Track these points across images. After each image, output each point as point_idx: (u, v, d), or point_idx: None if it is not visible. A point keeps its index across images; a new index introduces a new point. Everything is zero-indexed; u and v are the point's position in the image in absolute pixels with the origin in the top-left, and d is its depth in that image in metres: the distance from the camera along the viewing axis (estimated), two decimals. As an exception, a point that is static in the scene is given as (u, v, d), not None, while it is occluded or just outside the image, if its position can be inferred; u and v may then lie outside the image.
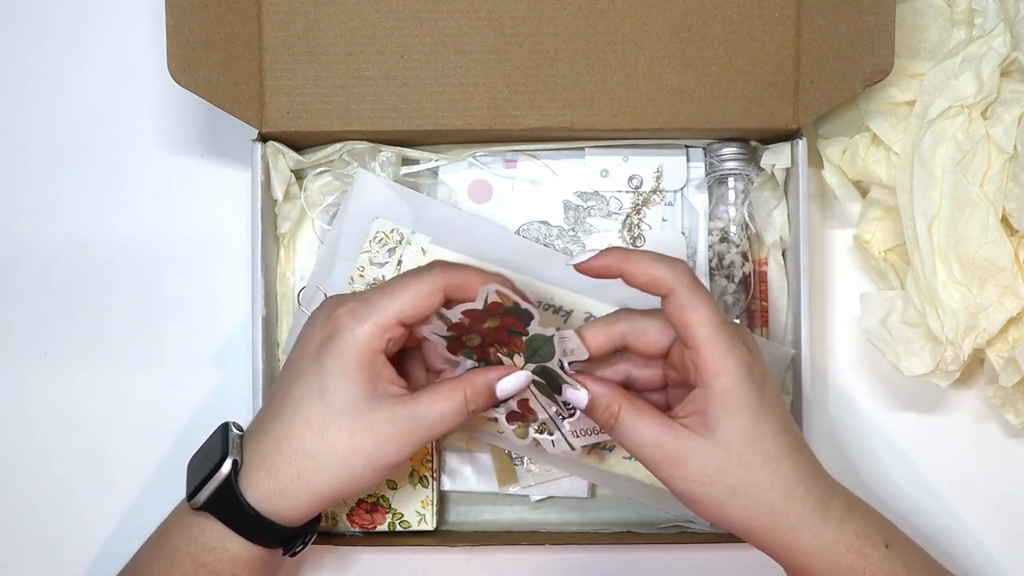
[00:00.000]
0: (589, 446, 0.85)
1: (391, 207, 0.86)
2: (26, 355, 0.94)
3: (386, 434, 0.72)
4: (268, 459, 0.74)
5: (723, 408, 0.70)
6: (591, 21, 0.85)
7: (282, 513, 0.74)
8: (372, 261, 0.83)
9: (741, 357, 0.70)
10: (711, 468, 0.70)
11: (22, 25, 0.95)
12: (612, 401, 0.72)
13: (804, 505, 0.71)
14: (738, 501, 0.71)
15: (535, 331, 0.70)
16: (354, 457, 0.73)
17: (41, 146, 0.95)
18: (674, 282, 0.70)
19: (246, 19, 0.84)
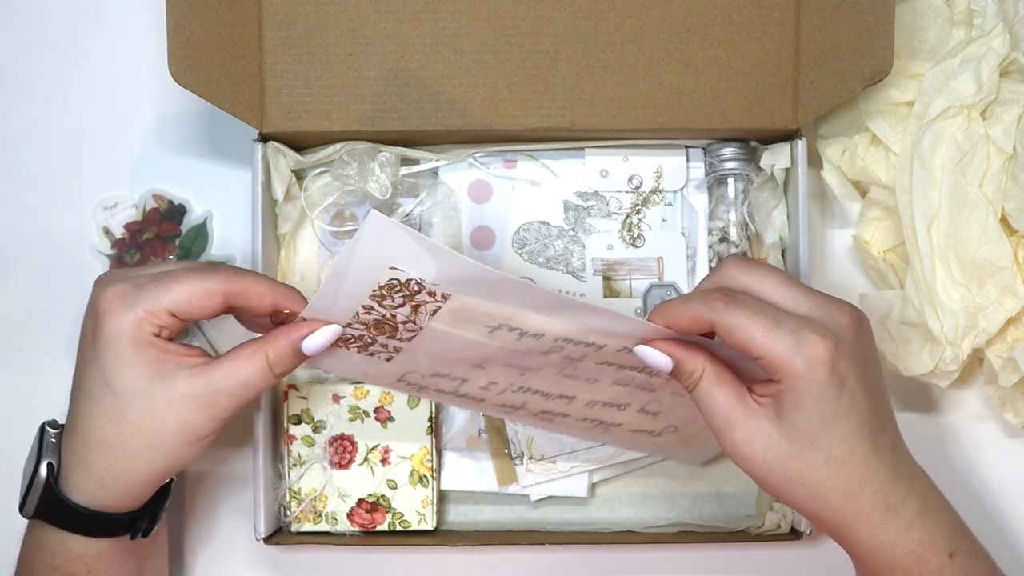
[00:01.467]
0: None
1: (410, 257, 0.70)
2: (26, 355, 0.94)
3: (187, 408, 0.71)
4: (80, 456, 0.73)
5: (793, 403, 0.69)
6: (591, 21, 0.85)
7: (111, 504, 0.74)
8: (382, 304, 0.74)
9: (815, 356, 0.68)
10: (771, 454, 0.70)
11: (22, 26, 0.95)
12: (696, 367, 0.71)
13: (865, 507, 0.70)
14: (796, 491, 0.70)
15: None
16: (162, 437, 0.72)
17: (42, 146, 0.95)
18: (711, 315, 0.69)
19: (246, 19, 0.84)
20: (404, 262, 0.69)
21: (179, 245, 0.94)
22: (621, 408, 0.83)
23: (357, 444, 0.88)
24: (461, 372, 0.78)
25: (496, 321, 0.73)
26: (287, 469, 0.89)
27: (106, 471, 0.73)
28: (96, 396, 0.72)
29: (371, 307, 0.72)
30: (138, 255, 0.94)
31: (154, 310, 0.71)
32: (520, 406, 0.82)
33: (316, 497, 0.88)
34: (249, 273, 0.73)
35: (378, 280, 0.70)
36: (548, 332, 0.73)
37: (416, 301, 0.71)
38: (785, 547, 0.89)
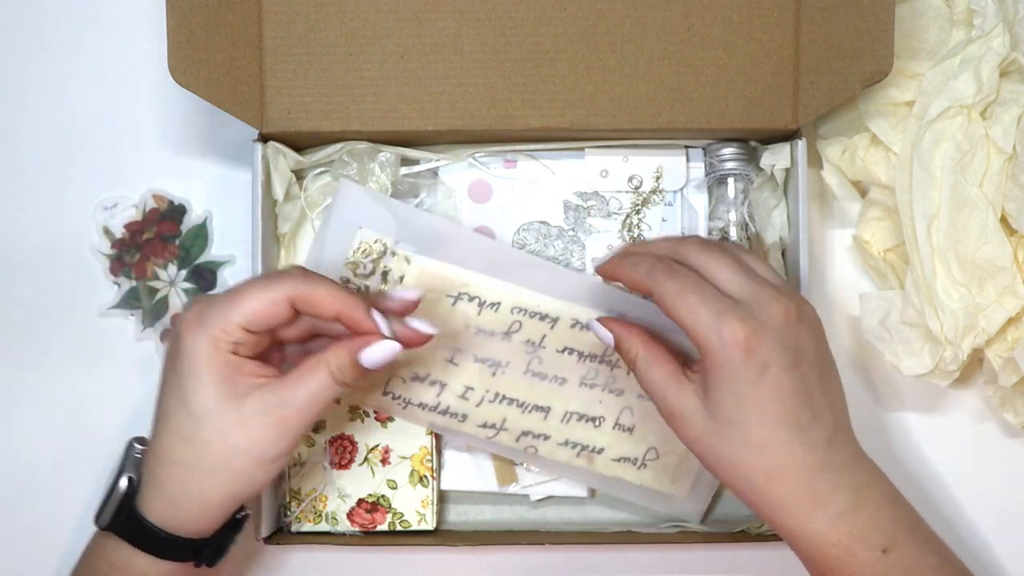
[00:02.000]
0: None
1: (374, 217, 0.85)
2: (27, 355, 0.94)
3: (259, 427, 0.72)
4: (155, 474, 0.74)
5: (712, 381, 0.71)
6: (591, 21, 0.85)
7: (183, 526, 0.75)
8: (356, 273, 0.83)
9: (732, 337, 0.70)
10: (698, 430, 0.72)
11: (22, 25, 0.95)
12: (631, 346, 0.76)
13: (789, 493, 0.71)
14: (724, 468, 0.73)
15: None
16: (233, 458, 0.73)
17: (41, 145, 0.95)
18: (649, 283, 0.73)
19: (246, 19, 0.84)
20: (369, 221, 0.82)
21: (179, 245, 0.94)
22: (597, 424, 0.85)
23: (357, 444, 0.89)
24: (437, 372, 0.81)
25: (455, 288, 0.79)
26: (287, 469, 0.89)
27: (179, 491, 0.74)
28: (172, 415, 0.73)
29: (347, 279, 0.76)
30: (138, 255, 0.94)
31: (226, 327, 0.71)
32: (500, 425, 0.83)
33: (316, 497, 0.88)
34: (317, 278, 0.73)
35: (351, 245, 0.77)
36: (503, 300, 0.80)
37: (384, 267, 0.76)
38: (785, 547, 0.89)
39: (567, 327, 0.85)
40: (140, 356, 0.94)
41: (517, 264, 0.85)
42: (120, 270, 0.94)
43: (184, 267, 0.95)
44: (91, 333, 0.94)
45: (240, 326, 0.72)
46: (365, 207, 0.85)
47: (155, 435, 0.75)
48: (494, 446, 0.85)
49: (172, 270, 0.95)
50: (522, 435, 0.83)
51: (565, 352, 0.80)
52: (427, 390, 0.80)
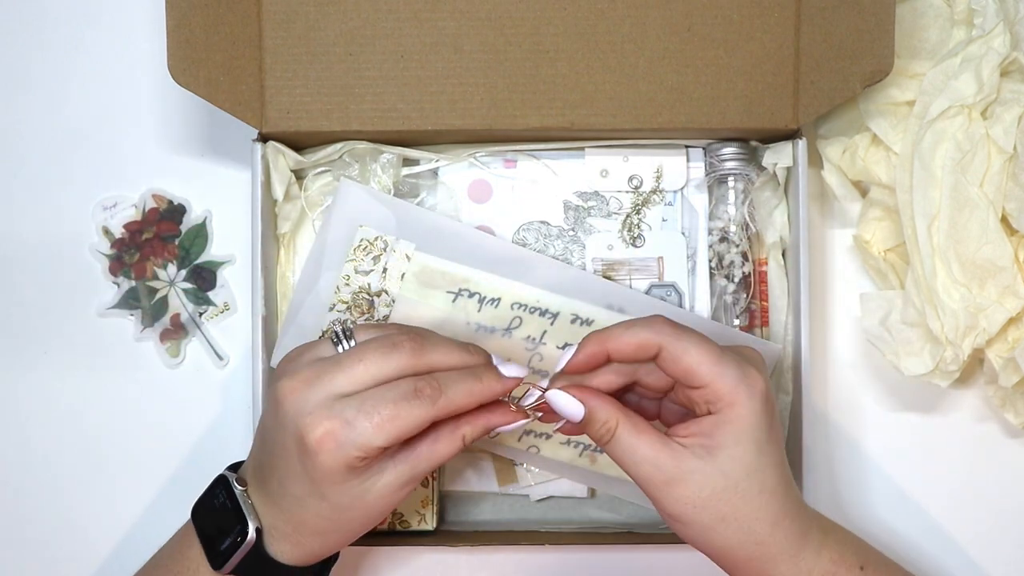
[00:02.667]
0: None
1: (375, 214, 0.85)
2: (27, 355, 0.94)
3: (396, 494, 0.72)
4: (292, 536, 0.74)
5: (731, 436, 0.69)
6: (591, 21, 0.85)
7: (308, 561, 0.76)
8: (357, 269, 0.83)
9: (754, 385, 0.69)
10: (706, 492, 0.69)
11: (22, 25, 0.95)
12: (609, 417, 0.71)
13: (787, 536, 0.71)
14: (726, 528, 0.70)
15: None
16: (373, 519, 0.74)
17: (41, 146, 0.95)
18: (658, 338, 0.70)
19: (246, 19, 0.84)
20: (369, 219, 0.82)
21: (179, 245, 0.94)
22: None
23: (357, 444, 0.88)
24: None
25: (456, 284, 0.78)
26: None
27: (321, 548, 0.75)
28: (307, 502, 0.72)
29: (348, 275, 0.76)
30: (138, 255, 0.94)
31: (368, 450, 0.69)
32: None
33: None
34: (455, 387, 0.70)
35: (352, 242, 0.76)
36: (503, 295, 0.79)
37: (384, 264, 0.76)
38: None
39: (567, 322, 0.85)
40: (140, 356, 0.94)
41: (517, 260, 0.84)
42: (120, 270, 0.94)
43: (184, 267, 0.95)
44: (91, 333, 0.94)
45: (381, 448, 0.69)
46: (365, 204, 0.85)
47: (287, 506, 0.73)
48: (495, 446, 0.84)
49: (172, 270, 0.95)
50: (524, 435, 0.83)
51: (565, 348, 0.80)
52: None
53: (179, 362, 0.94)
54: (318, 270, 0.85)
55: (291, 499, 0.72)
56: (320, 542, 0.75)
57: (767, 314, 0.90)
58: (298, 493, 0.72)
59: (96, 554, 0.92)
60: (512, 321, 0.82)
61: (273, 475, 0.73)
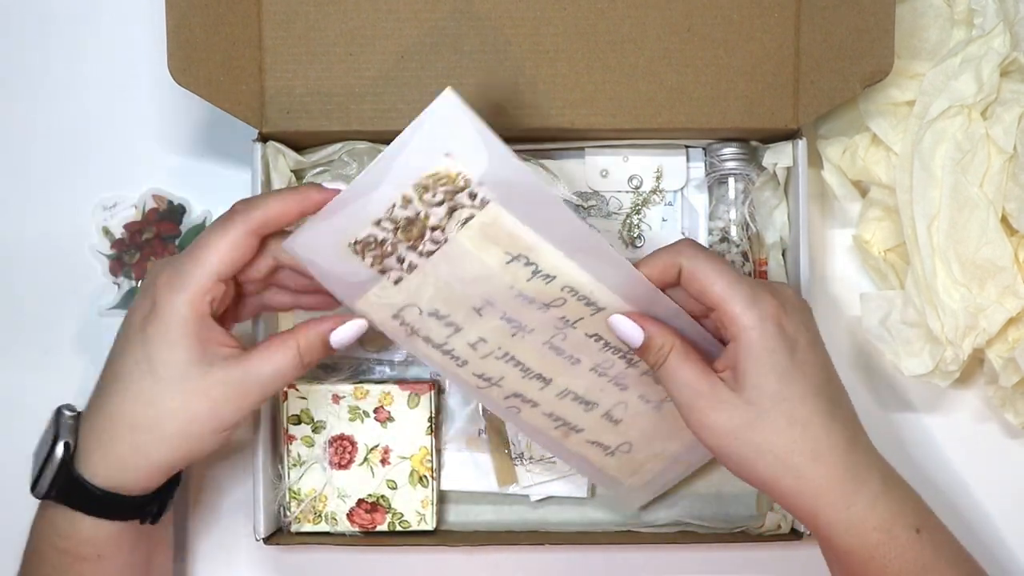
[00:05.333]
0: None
1: (467, 148, 0.70)
2: (27, 355, 0.94)
3: (221, 397, 0.73)
4: (104, 436, 0.74)
5: (750, 363, 0.71)
6: (591, 21, 0.85)
7: (126, 486, 0.75)
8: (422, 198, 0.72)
9: (766, 311, 0.71)
10: (736, 422, 0.71)
11: (22, 25, 0.95)
12: (665, 342, 0.74)
13: (833, 474, 0.71)
14: (763, 459, 0.71)
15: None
16: (190, 424, 0.73)
17: (42, 146, 0.95)
18: (678, 258, 0.73)
19: (246, 19, 0.84)
20: (459, 151, 0.70)
21: (179, 245, 0.94)
22: (588, 408, 0.83)
23: (357, 444, 0.88)
24: (459, 316, 0.77)
25: (517, 249, 0.74)
26: (287, 469, 0.89)
27: (130, 453, 0.74)
28: (134, 378, 0.73)
29: (410, 199, 0.71)
30: (138, 255, 0.94)
31: (202, 283, 0.72)
32: (496, 380, 0.81)
33: (316, 497, 0.88)
34: (261, 199, 0.74)
35: (427, 167, 0.70)
36: (560, 276, 0.75)
37: (455, 202, 0.72)
38: (785, 547, 0.89)
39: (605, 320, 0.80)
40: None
41: (594, 251, 0.75)
42: (120, 270, 0.94)
43: (184, 267, 0.95)
44: (91, 333, 0.94)
45: (215, 278, 0.72)
46: (461, 133, 0.70)
47: (106, 397, 0.74)
48: (481, 397, 0.82)
49: (172, 270, 0.95)
50: (513, 395, 0.82)
51: (593, 338, 0.78)
52: (440, 328, 0.77)
53: (179, 362, 0.94)
54: (379, 178, 0.71)
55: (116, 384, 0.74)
56: (130, 444, 0.74)
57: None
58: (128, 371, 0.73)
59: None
60: (556, 300, 0.77)
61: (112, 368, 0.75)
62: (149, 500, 0.78)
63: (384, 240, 0.72)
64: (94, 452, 0.75)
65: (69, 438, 0.75)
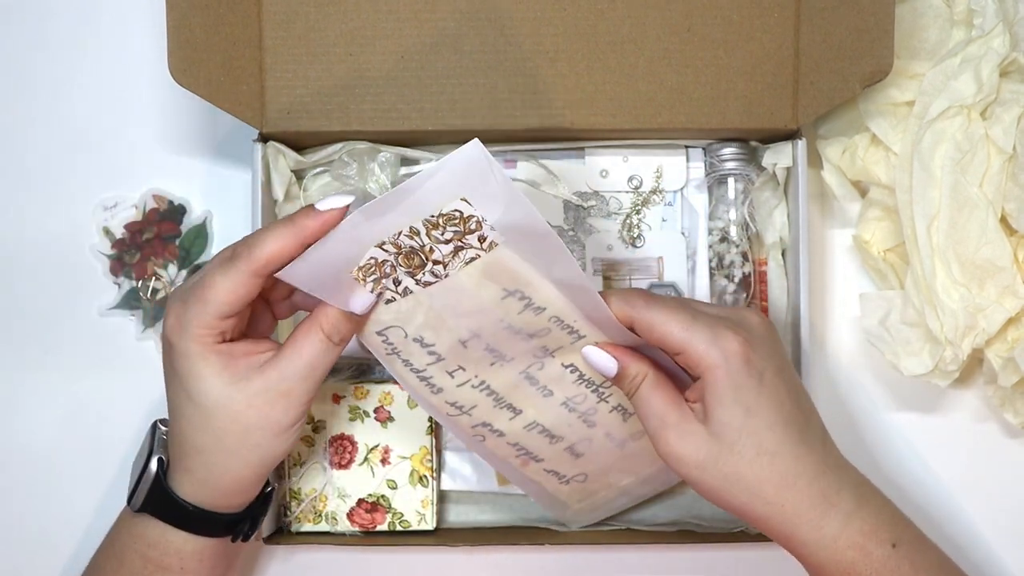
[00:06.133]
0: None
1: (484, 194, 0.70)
2: (27, 355, 0.94)
3: (266, 403, 0.73)
4: (181, 460, 0.76)
5: (716, 400, 0.71)
6: (591, 21, 0.85)
7: (216, 503, 0.76)
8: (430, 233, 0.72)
9: (729, 348, 0.71)
10: (704, 453, 0.71)
11: (23, 25, 0.95)
12: (639, 372, 0.74)
13: (803, 499, 0.71)
14: (731, 488, 0.72)
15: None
16: (250, 435, 0.74)
17: (42, 146, 0.95)
18: (630, 311, 0.73)
19: (246, 19, 0.84)
20: (477, 198, 0.70)
21: (179, 245, 0.94)
22: (553, 441, 0.83)
23: (357, 444, 0.89)
24: (443, 347, 0.77)
25: (515, 285, 0.74)
26: (287, 469, 0.89)
27: (206, 473, 0.75)
28: (182, 408, 0.74)
29: (418, 231, 0.71)
30: (138, 255, 0.94)
31: (205, 324, 0.72)
32: (467, 409, 0.81)
33: (316, 497, 0.88)
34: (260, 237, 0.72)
35: (442, 207, 0.70)
36: (549, 307, 0.75)
37: (464, 243, 0.71)
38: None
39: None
40: (140, 356, 0.94)
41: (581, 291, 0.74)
42: (120, 270, 0.94)
43: (184, 267, 0.95)
44: (91, 333, 0.94)
45: (219, 317, 0.72)
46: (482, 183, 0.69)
47: (173, 423, 0.76)
48: (449, 423, 0.82)
49: (172, 270, 0.95)
50: (481, 424, 0.82)
51: (568, 369, 0.78)
52: (422, 355, 0.77)
53: (179, 362, 0.94)
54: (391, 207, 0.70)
55: (173, 415, 0.75)
56: (204, 465, 0.75)
57: (767, 314, 0.90)
58: (175, 402, 0.74)
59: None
60: (541, 330, 0.77)
61: (168, 400, 0.76)
62: (240, 518, 0.79)
63: (384, 261, 0.72)
64: (179, 473, 0.76)
65: (163, 454, 0.77)
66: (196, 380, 0.72)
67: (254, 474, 0.76)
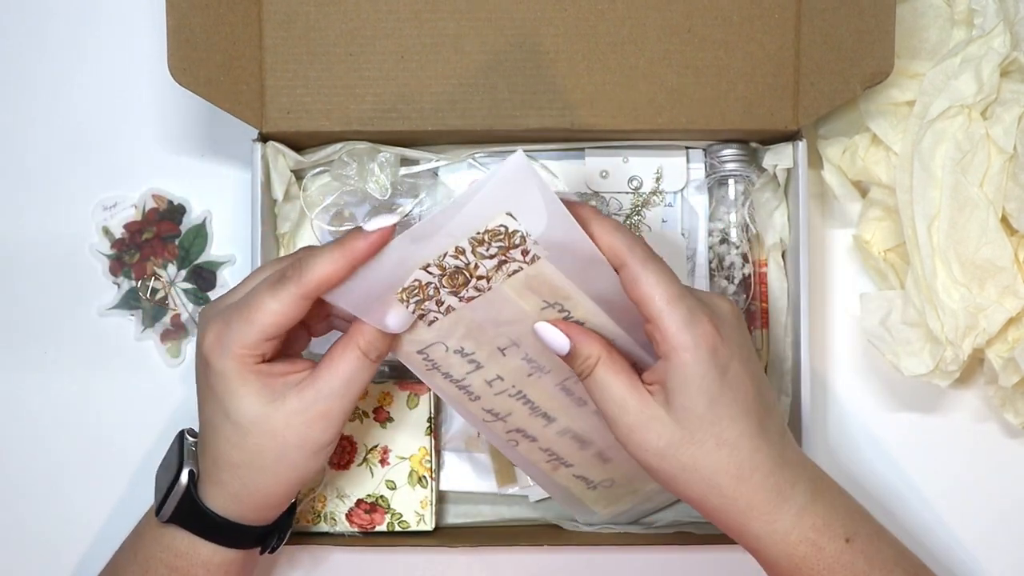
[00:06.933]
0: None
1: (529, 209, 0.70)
2: (27, 355, 0.94)
3: (304, 422, 0.73)
4: (214, 474, 0.75)
5: (680, 385, 0.70)
6: (591, 22, 0.85)
7: (245, 516, 0.76)
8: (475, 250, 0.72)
9: (702, 335, 0.69)
10: (663, 441, 0.70)
11: (23, 26, 0.96)
12: (591, 353, 0.72)
13: (757, 492, 0.71)
14: (689, 477, 0.71)
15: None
16: (286, 454, 0.73)
17: (42, 146, 0.95)
18: (627, 254, 0.70)
19: (246, 19, 0.84)
20: (521, 211, 0.70)
21: (179, 245, 0.94)
22: (584, 446, 0.84)
23: (356, 444, 0.89)
24: (483, 355, 0.77)
25: (555, 298, 0.74)
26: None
27: (240, 488, 0.75)
28: (217, 425, 0.74)
29: (464, 250, 0.71)
30: (138, 255, 0.94)
31: (248, 345, 0.71)
32: (503, 415, 0.81)
33: (315, 497, 0.88)
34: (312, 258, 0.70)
35: (487, 223, 0.70)
36: (587, 322, 0.75)
37: (508, 257, 0.71)
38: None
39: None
40: (140, 356, 0.94)
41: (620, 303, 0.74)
42: (120, 270, 0.94)
43: (184, 267, 0.95)
44: (91, 333, 0.94)
45: (263, 339, 0.71)
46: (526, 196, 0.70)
47: (206, 440, 0.75)
48: (484, 428, 0.83)
49: (172, 270, 0.95)
50: (515, 430, 0.82)
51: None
52: (463, 365, 0.77)
53: (180, 362, 0.94)
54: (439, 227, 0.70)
55: (207, 429, 0.75)
56: (239, 481, 0.75)
57: (767, 315, 0.90)
58: (210, 418, 0.74)
59: (97, 552, 0.92)
60: None
61: (201, 414, 0.75)
62: (269, 531, 0.79)
63: (428, 283, 0.72)
64: (211, 487, 0.76)
65: (194, 466, 0.77)
66: (234, 399, 0.72)
67: (288, 491, 0.77)
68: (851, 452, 0.93)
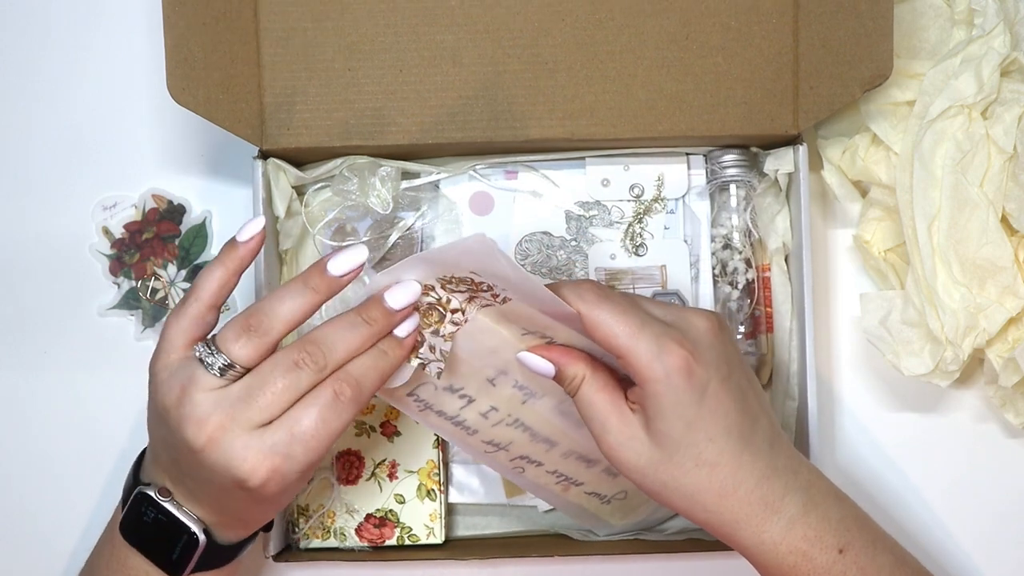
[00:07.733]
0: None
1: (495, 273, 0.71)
2: (27, 355, 0.94)
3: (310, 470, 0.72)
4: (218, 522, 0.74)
5: (656, 411, 0.70)
6: (589, 32, 0.85)
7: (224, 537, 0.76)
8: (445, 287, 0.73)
9: (672, 363, 0.69)
10: (643, 460, 0.71)
11: (24, 27, 0.95)
12: (577, 373, 0.73)
13: (741, 506, 0.71)
14: (672, 495, 0.72)
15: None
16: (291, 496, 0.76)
17: (43, 146, 0.95)
18: (578, 302, 0.70)
19: (244, 37, 0.83)
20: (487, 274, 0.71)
21: (179, 245, 0.94)
22: (590, 465, 0.84)
23: (364, 459, 0.89)
24: (472, 388, 0.78)
25: (536, 328, 0.74)
26: (295, 484, 0.89)
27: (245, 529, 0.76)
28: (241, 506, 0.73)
29: (433, 287, 0.72)
30: (137, 255, 0.94)
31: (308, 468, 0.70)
32: (504, 445, 0.82)
33: (324, 513, 0.89)
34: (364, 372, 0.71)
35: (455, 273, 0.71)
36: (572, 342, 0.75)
37: (476, 295, 0.72)
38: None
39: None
40: (140, 356, 0.94)
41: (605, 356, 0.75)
42: (120, 270, 0.94)
43: (184, 267, 0.95)
44: (91, 333, 0.95)
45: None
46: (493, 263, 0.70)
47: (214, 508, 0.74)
48: (488, 460, 0.84)
49: (172, 270, 0.95)
50: (519, 458, 0.83)
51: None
52: (454, 401, 0.78)
53: (180, 363, 0.94)
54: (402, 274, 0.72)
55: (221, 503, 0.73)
56: (244, 524, 0.76)
57: (771, 320, 0.90)
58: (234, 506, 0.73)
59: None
60: None
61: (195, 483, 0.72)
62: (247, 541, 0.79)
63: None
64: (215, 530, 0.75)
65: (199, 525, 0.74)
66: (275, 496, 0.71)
67: (264, 518, 0.78)
68: (851, 452, 0.94)
